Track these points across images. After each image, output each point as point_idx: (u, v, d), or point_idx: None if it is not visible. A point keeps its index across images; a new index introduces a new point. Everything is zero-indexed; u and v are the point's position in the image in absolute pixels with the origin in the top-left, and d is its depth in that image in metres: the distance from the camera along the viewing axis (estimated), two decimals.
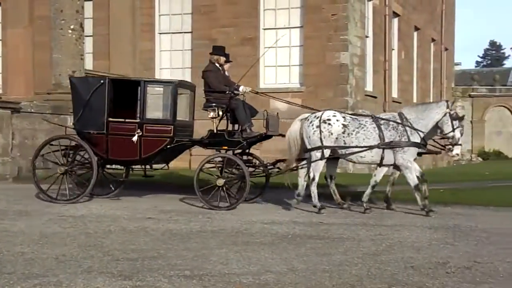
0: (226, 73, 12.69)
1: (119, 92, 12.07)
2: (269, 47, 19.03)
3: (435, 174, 21.37)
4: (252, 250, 7.62)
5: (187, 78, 19.11)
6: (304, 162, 11.68)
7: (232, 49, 20.52)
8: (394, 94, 25.05)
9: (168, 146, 11.88)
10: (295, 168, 11.89)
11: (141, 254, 7.27)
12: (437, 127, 11.17)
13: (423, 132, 11.07)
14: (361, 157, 11.24)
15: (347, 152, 11.24)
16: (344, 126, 11.16)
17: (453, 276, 6.44)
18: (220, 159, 11.96)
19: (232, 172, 12.01)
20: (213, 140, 12.06)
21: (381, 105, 23.02)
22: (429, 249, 7.90)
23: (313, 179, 11.29)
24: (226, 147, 12.00)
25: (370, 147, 11.04)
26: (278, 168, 12.34)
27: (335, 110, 11.79)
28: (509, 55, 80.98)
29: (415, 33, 28.02)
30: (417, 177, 11.10)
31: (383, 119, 11.28)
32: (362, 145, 11.07)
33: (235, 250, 7.58)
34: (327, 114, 11.33)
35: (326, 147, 11.16)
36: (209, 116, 11.94)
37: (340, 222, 10.13)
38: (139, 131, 11.70)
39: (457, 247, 8.08)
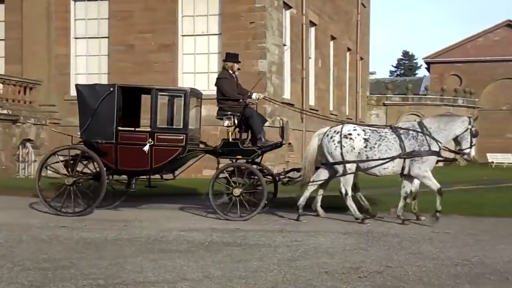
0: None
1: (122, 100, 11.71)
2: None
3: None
4: (168, 258, 7.56)
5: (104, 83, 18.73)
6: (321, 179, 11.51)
7: (150, 55, 20.48)
8: (311, 102, 25.44)
9: (181, 156, 11.57)
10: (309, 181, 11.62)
11: (53, 263, 7.10)
12: (455, 140, 11.27)
13: (441, 142, 11.09)
14: (384, 168, 11.12)
15: (369, 166, 11.15)
16: (366, 140, 11.05)
17: (365, 280, 6.59)
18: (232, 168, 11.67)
19: (244, 182, 11.54)
20: (227, 150, 11.76)
21: (298, 113, 23.31)
22: (343, 254, 8.06)
23: (346, 193, 11.13)
24: (240, 156, 11.71)
25: (392, 158, 10.95)
26: (289, 177, 12.12)
27: (354, 124, 11.81)
28: (421, 65, 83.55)
29: (332, 42, 28.58)
30: (410, 191, 11.25)
31: (402, 128, 11.24)
32: (385, 157, 10.97)
33: (150, 258, 7.51)
34: (347, 129, 11.20)
35: (349, 161, 11.05)
36: (225, 125, 11.74)
37: (257, 229, 10.18)
38: (150, 140, 11.35)
39: (370, 252, 8.27)
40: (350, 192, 11.13)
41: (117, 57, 20.98)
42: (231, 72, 12.02)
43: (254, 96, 12.10)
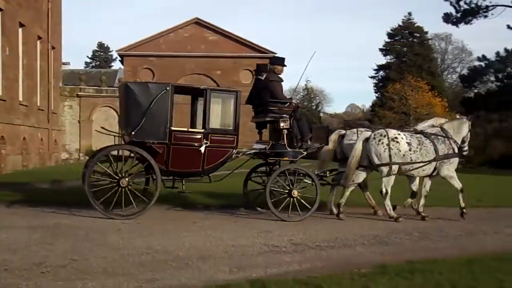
0: None
1: None
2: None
3: (42, 173, 21.17)
4: None
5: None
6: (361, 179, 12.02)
7: None
8: None
9: (231, 157, 11.50)
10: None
11: None
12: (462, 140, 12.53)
13: (458, 144, 12.32)
14: (423, 170, 11.97)
15: (411, 168, 11.86)
16: (409, 144, 11.85)
17: (48, 275, 6.44)
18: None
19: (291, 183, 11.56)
20: (275, 152, 11.80)
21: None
22: (25, 250, 7.76)
23: (386, 193, 11.68)
24: (287, 158, 11.78)
25: (429, 161, 11.88)
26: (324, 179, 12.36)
27: (394, 129, 12.46)
28: (116, 57, 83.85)
29: (20, 30, 27.19)
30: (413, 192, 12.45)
31: (432, 134, 12.18)
32: (425, 160, 11.85)
33: None
34: (393, 133, 11.90)
35: (396, 163, 11.67)
36: (281, 127, 11.66)
37: None
38: (206, 141, 11.09)
39: (55, 246, 8.08)
40: (390, 192, 11.69)
41: None
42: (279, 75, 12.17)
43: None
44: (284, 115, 11.79)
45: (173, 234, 9.30)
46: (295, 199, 11.40)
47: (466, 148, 12.64)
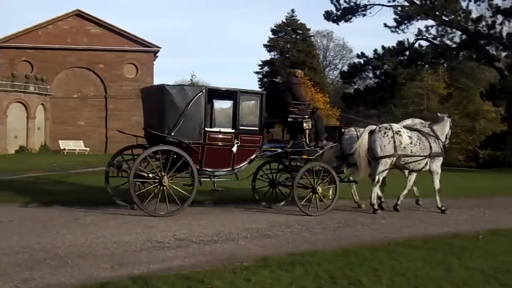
0: None
1: None
2: None
3: None
4: None
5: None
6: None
7: None
8: None
9: (258, 156, 12.04)
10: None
11: None
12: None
13: (443, 142, 13.12)
14: (419, 164, 12.71)
15: (410, 160, 12.57)
16: (410, 137, 12.54)
17: None
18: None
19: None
20: (295, 150, 12.30)
21: None
22: None
23: (378, 181, 12.39)
24: (306, 156, 12.31)
25: (425, 156, 12.67)
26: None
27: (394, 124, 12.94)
28: None
29: None
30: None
31: (425, 132, 12.93)
32: (423, 154, 12.61)
33: None
34: (396, 127, 12.56)
35: (399, 155, 12.37)
36: (304, 127, 12.20)
37: None
38: (237, 141, 11.53)
39: None
40: (380, 181, 12.49)
41: None
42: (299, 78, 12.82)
43: None
44: (306, 116, 12.40)
45: (52, 231, 9.01)
46: (318, 194, 12.10)
47: (447, 142, 13.59)
